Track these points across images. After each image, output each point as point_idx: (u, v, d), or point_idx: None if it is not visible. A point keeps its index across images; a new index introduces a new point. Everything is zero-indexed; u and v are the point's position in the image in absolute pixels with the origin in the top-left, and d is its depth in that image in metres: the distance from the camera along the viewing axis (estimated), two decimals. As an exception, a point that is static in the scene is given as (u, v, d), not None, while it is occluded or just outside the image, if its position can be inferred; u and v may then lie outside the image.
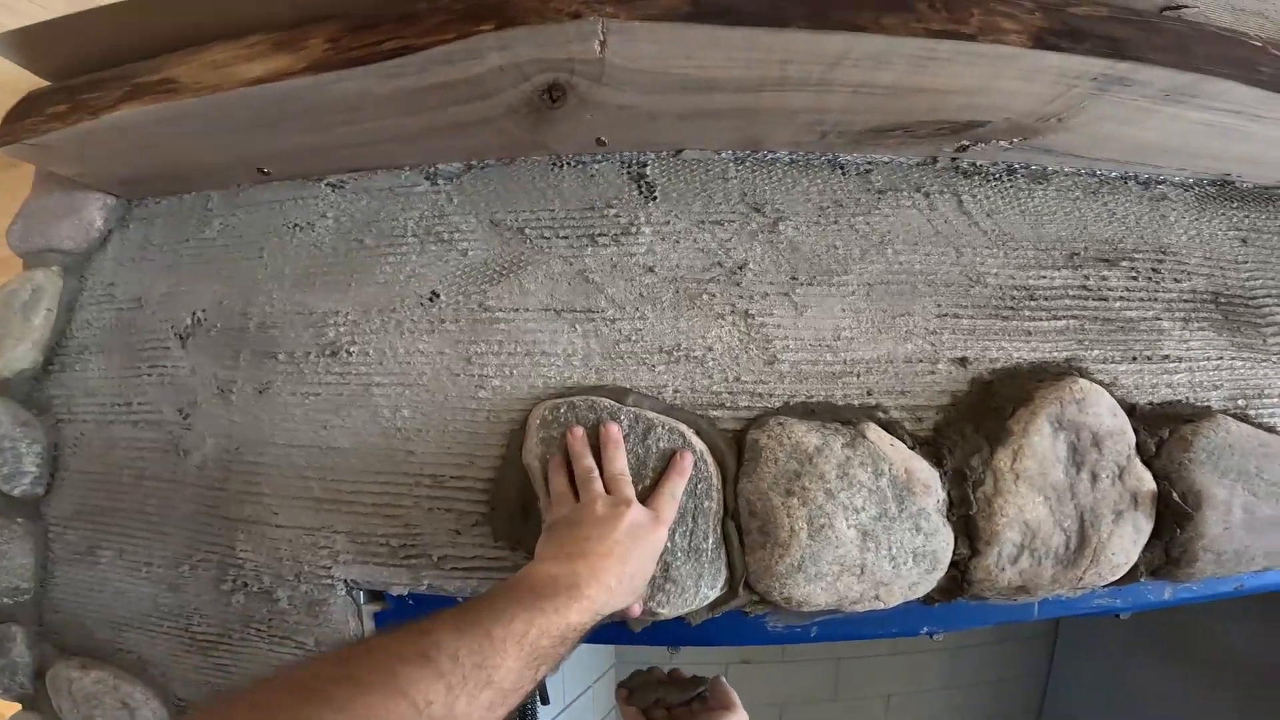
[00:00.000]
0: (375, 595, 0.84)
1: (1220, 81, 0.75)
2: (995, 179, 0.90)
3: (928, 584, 0.76)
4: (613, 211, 0.83)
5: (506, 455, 0.78)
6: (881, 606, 0.76)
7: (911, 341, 0.81)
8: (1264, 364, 0.86)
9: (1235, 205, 0.94)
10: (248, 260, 0.89)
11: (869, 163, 0.89)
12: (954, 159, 0.90)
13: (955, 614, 0.81)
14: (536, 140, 0.82)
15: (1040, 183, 0.91)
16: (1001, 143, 0.86)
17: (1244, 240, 0.92)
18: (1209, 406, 0.82)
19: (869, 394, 0.79)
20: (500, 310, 0.81)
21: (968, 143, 0.87)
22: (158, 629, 0.89)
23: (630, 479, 0.69)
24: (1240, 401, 0.84)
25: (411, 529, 0.80)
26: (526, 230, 0.83)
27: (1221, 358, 0.85)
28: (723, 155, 0.87)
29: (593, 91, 0.73)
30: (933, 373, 0.81)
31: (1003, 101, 0.78)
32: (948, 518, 0.76)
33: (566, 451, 0.72)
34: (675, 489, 0.70)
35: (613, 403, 0.75)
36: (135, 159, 0.89)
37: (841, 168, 0.88)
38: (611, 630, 0.77)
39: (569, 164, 0.85)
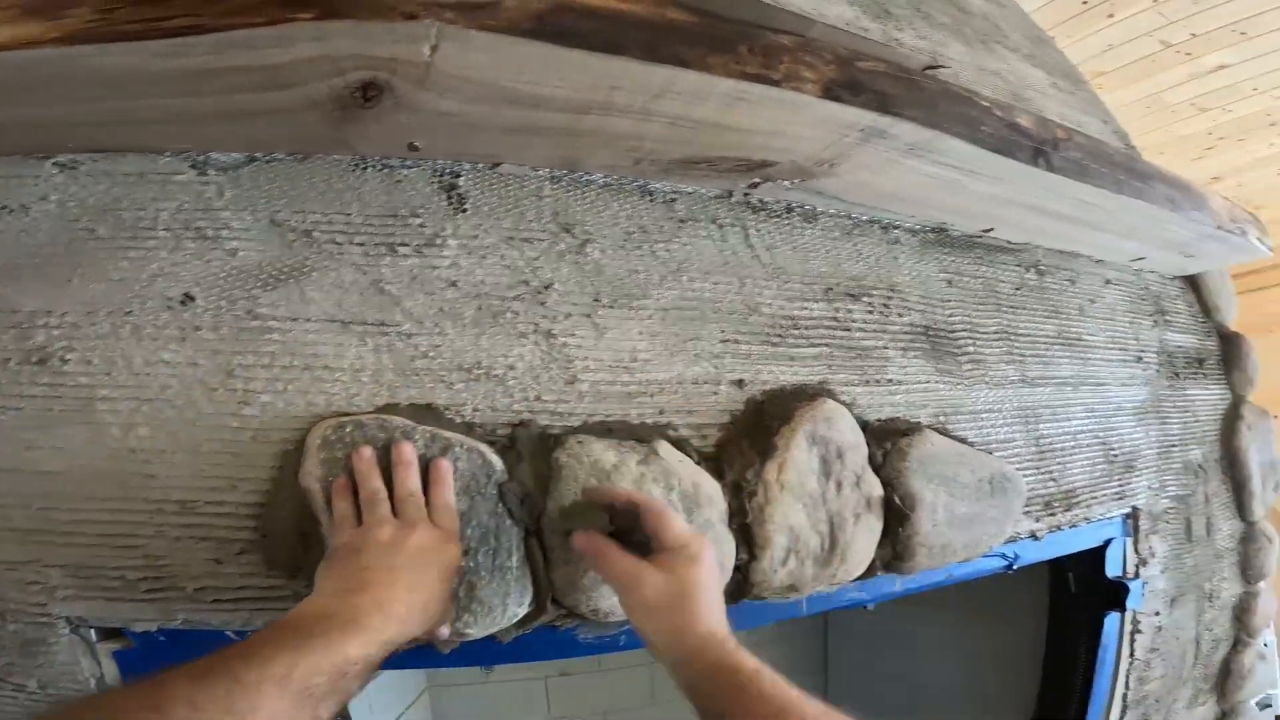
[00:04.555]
0: (114, 632, 0.72)
1: (950, 139, 0.87)
2: (777, 215, 1.01)
3: None
4: (418, 221, 0.79)
5: (278, 478, 0.71)
6: None
7: (699, 364, 0.88)
8: (959, 387, 1.08)
9: (946, 250, 1.15)
10: (-71, 246, 0.69)
11: (675, 192, 0.94)
12: (746, 194, 0.98)
13: (741, 614, 0.88)
14: (339, 138, 0.74)
15: (810, 222, 1.03)
16: (785, 182, 0.96)
17: (950, 282, 1.13)
18: (919, 423, 1.01)
19: (661, 413, 0.85)
20: (275, 319, 0.72)
21: (759, 180, 0.95)
22: None
23: (423, 501, 0.67)
24: (941, 418, 1.04)
25: (155, 560, 0.70)
26: (315, 234, 0.75)
27: (929, 381, 1.05)
28: (539, 173, 0.86)
29: (413, 95, 0.68)
30: (715, 393, 0.88)
31: (791, 145, 0.86)
32: (730, 526, 0.84)
33: (352, 473, 0.67)
34: (446, 499, 0.68)
35: (407, 421, 0.72)
36: None
37: (650, 194, 0.92)
38: (418, 654, 0.74)
39: (374, 167, 0.78)
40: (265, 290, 0.73)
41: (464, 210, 0.81)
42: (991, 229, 1.18)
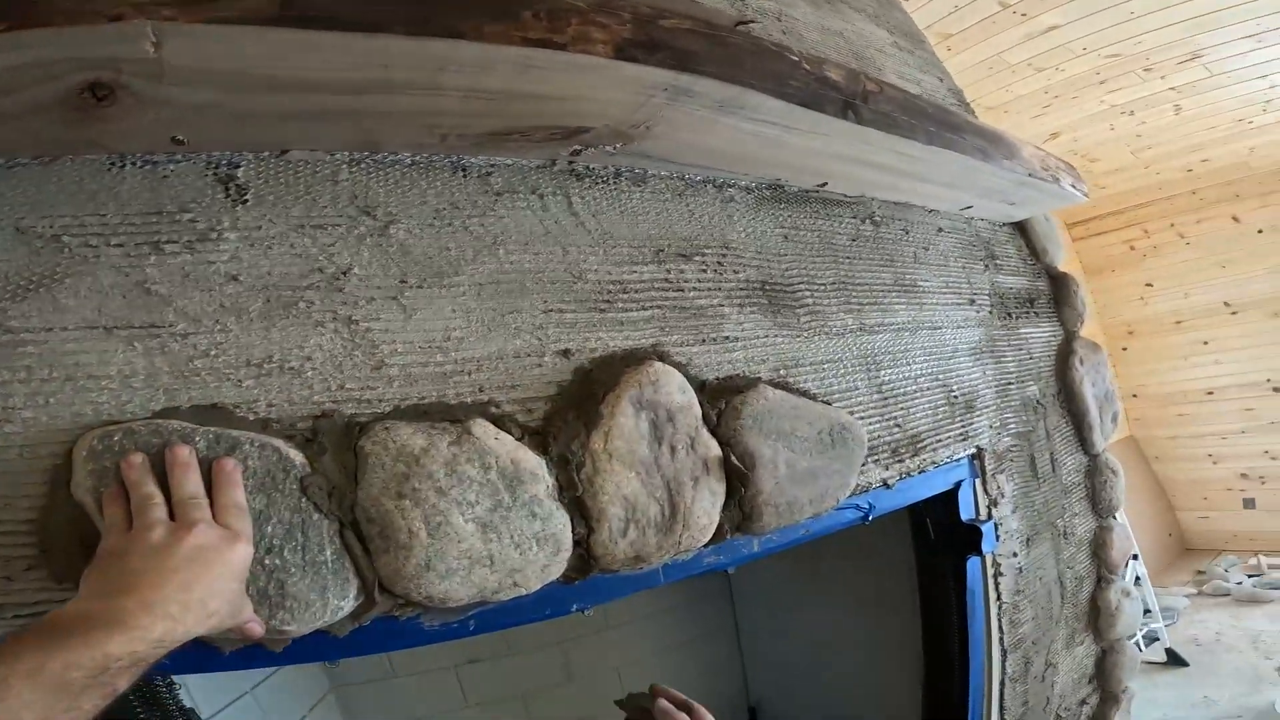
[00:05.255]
0: None
1: (756, 95, 0.88)
2: (604, 181, 1.00)
3: (559, 565, 0.83)
4: (188, 216, 0.74)
5: (52, 493, 0.67)
6: (524, 592, 0.82)
7: (520, 337, 0.87)
8: (798, 339, 1.11)
9: (782, 206, 1.18)
10: None
11: (491, 165, 0.92)
12: (570, 162, 0.97)
13: (595, 588, 0.90)
14: (84, 138, 0.69)
15: (639, 185, 1.03)
16: (607, 147, 0.95)
17: (786, 236, 1.16)
18: (758, 378, 1.04)
19: (481, 390, 0.84)
20: (27, 331, 0.67)
21: (579, 147, 0.94)
22: None
23: (205, 502, 0.65)
24: (782, 371, 1.07)
25: (-55, 584, 0.65)
26: (65, 238, 0.69)
27: (768, 335, 1.07)
28: (335, 156, 0.82)
29: (153, 90, 0.64)
30: (540, 365, 0.88)
31: (599, 109, 0.85)
32: (560, 501, 0.84)
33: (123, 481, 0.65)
34: (233, 498, 0.67)
35: (185, 424, 0.68)
36: None
37: (464, 170, 0.90)
38: (253, 651, 0.72)
39: (134, 164, 0.73)
40: (14, 301, 0.67)
41: (244, 201, 0.77)
42: (825, 183, 1.21)
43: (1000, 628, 1.41)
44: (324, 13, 0.63)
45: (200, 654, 0.69)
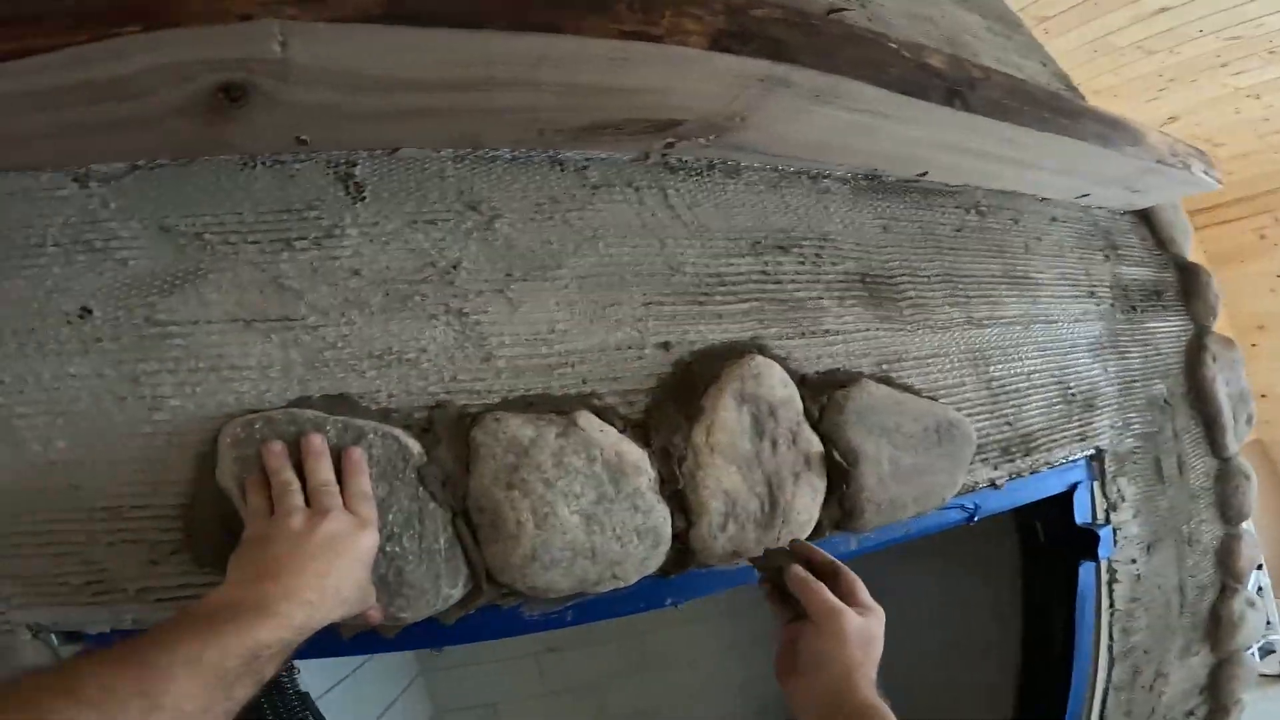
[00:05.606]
0: (74, 635, 0.73)
1: (854, 83, 0.85)
2: (697, 174, 0.99)
3: (657, 558, 0.83)
4: (314, 213, 0.78)
5: (199, 479, 0.71)
6: (622, 584, 0.82)
7: (621, 330, 0.88)
8: (901, 333, 1.07)
9: (880, 196, 1.14)
10: None
11: (587, 159, 0.93)
12: (664, 155, 0.97)
13: (691, 583, 0.90)
14: (219, 140, 0.74)
15: (733, 177, 1.02)
16: (700, 140, 0.95)
17: (885, 227, 1.12)
18: (860, 373, 1.00)
19: (584, 382, 0.85)
20: (175, 324, 0.72)
21: (673, 140, 0.94)
22: None
23: (336, 490, 0.67)
24: (885, 366, 1.04)
25: (94, 565, 0.71)
26: (206, 236, 0.75)
27: (869, 329, 1.04)
28: (442, 153, 0.85)
29: (281, 91, 0.67)
30: (640, 358, 0.88)
31: (693, 101, 0.85)
32: (661, 494, 0.83)
33: (264, 468, 0.68)
34: (361, 486, 0.69)
35: (318, 413, 0.72)
36: None
37: (561, 164, 0.91)
38: (369, 637, 0.75)
39: (263, 164, 0.78)
40: (162, 296, 0.73)
41: (363, 198, 0.80)
42: (925, 172, 1.16)
43: (1110, 635, 1.33)
44: (427, 10, 0.65)
45: (321, 639, 0.72)
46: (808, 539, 0.94)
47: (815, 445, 0.92)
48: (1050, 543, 1.31)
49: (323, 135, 0.78)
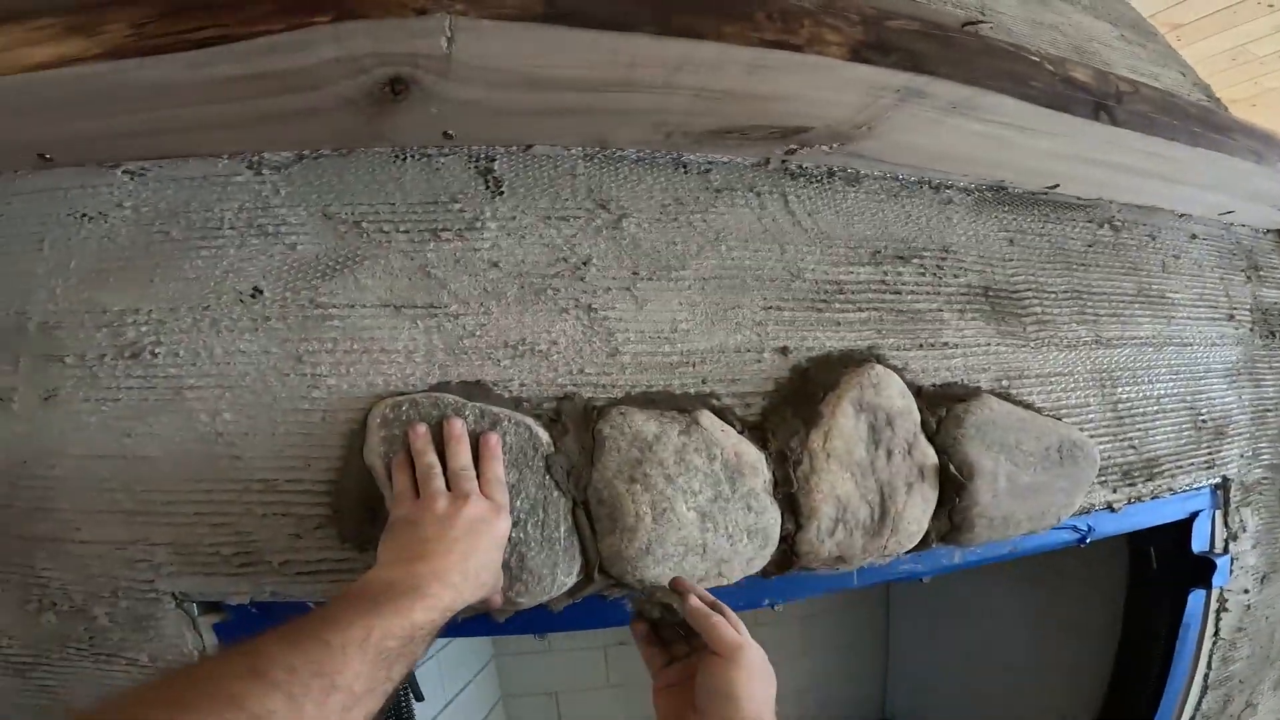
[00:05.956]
0: (213, 606, 0.79)
1: (995, 96, 0.84)
2: (817, 181, 0.99)
3: (762, 559, 0.84)
4: (458, 206, 0.82)
5: (347, 456, 0.76)
6: (725, 582, 0.83)
7: (741, 333, 0.88)
8: (1023, 349, 1.03)
9: (1006, 209, 1.10)
10: (25, 254, 0.78)
11: (709, 162, 0.94)
12: (784, 161, 0.97)
13: (790, 585, 0.90)
14: (376, 132, 0.79)
15: (853, 185, 1.01)
16: (823, 147, 0.94)
17: (1011, 240, 1.08)
18: (978, 387, 0.97)
19: (704, 382, 0.86)
20: (334, 307, 0.77)
21: (795, 146, 0.94)
22: (-39, 654, 0.79)
23: (474, 474, 0.70)
24: (1004, 382, 1.00)
25: (245, 536, 0.76)
26: (364, 224, 0.80)
27: (989, 344, 1.01)
28: (572, 152, 0.88)
29: (439, 86, 0.71)
30: (759, 361, 0.88)
31: (823, 110, 0.85)
32: (774, 496, 0.84)
33: (410, 449, 0.71)
34: (496, 471, 0.71)
35: (457, 398, 0.75)
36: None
37: (684, 167, 0.93)
38: (476, 622, 0.79)
39: (412, 157, 0.83)
40: (324, 280, 0.78)
41: (501, 193, 0.84)
42: (1056, 185, 1.12)
43: (1209, 664, 1.27)
44: (582, 11, 0.67)
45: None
46: (914, 550, 0.92)
47: (931, 457, 0.90)
48: (1162, 568, 1.25)
49: (466, 130, 0.82)
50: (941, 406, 0.93)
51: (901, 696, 2.12)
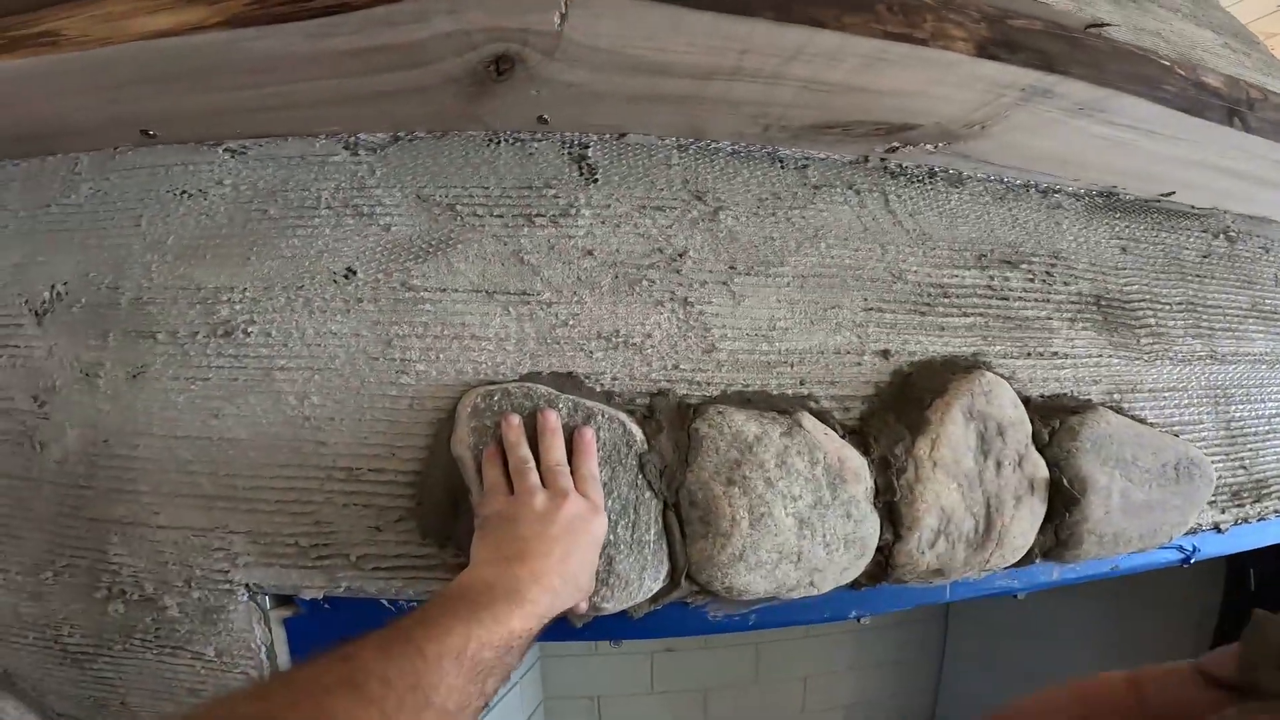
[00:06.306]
0: (284, 600, 0.76)
1: (1127, 97, 0.80)
2: (919, 181, 0.94)
3: (856, 569, 0.79)
4: (551, 192, 0.80)
5: (433, 446, 0.73)
6: (815, 593, 0.78)
7: (841, 334, 0.84)
8: (1137, 362, 0.96)
9: (1118, 215, 1.04)
10: (121, 229, 0.77)
11: (806, 158, 0.90)
12: (884, 159, 0.93)
13: (880, 597, 0.85)
14: (473, 114, 0.77)
15: (956, 186, 0.96)
16: (927, 146, 0.90)
17: (1124, 249, 1.02)
18: (1090, 400, 0.91)
19: (802, 384, 0.81)
20: (426, 290, 0.75)
21: (898, 145, 0.90)
22: (21, 641, 0.78)
23: (569, 470, 0.66)
24: (1116, 395, 0.94)
25: (323, 526, 0.73)
26: (458, 207, 0.77)
27: (1101, 355, 0.94)
28: (666, 141, 0.85)
29: (543, 66, 0.69)
30: (859, 364, 0.83)
31: (936, 106, 0.81)
32: (874, 504, 0.79)
33: (500, 441, 0.68)
34: (591, 468, 0.67)
35: (550, 390, 0.72)
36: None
37: (781, 161, 0.89)
38: (551, 628, 0.74)
39: (506, 141, 0.80)
40: (417, 262, 0.76)
41: (595, 180, 0.81)
42: (1172, 192, 1.05)
43: None
44: None
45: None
46: (1014, 565, 0.87)
47: (1042, 470, 0.84)
48: (1262, 589, 1.18)
49: (561, 115, 0.79)
50: (1053, 418, 0.87)
51: (951, 714, 2.05)
